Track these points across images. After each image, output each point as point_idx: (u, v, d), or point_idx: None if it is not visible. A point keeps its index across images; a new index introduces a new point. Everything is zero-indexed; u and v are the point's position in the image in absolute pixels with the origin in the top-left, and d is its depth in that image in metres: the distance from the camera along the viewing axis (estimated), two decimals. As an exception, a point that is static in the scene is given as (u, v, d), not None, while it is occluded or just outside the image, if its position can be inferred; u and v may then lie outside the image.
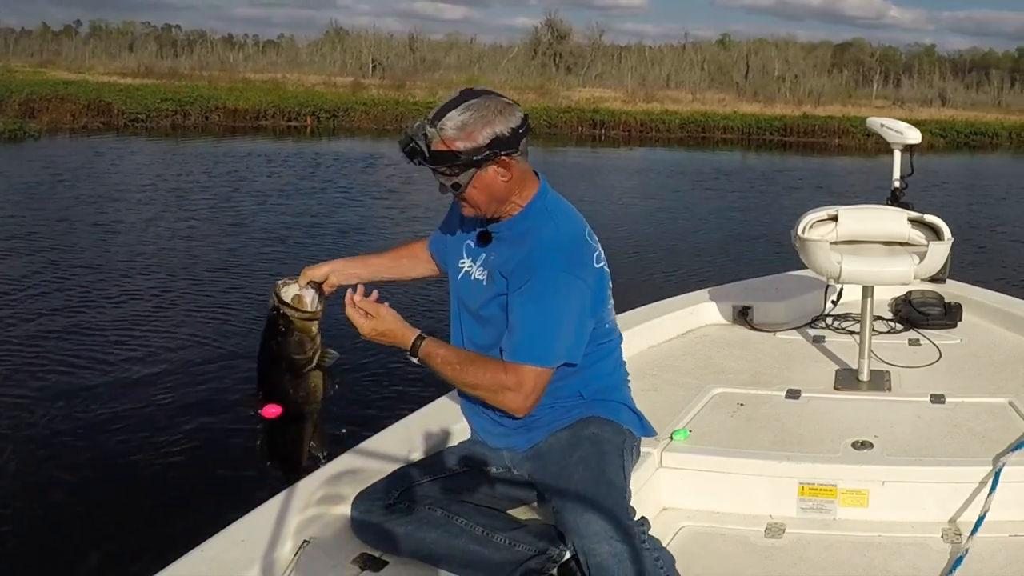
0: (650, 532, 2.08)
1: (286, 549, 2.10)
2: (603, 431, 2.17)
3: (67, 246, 9.43)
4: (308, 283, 2.14)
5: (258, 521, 2.15)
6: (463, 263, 2.22)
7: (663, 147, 25.46)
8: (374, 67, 43.69)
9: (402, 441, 2.58)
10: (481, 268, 2.17)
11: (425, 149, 1.98)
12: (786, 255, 3.93)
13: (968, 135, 28.05)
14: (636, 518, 2.04)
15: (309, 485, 2.31)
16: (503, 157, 2.03)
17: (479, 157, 2.00)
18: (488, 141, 2.00)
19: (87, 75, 33.97)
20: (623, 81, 41.89)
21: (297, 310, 2.07)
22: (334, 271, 2.24)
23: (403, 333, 2.05)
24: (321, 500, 2.27)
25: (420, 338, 2.05)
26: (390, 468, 2.43)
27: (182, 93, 27.33)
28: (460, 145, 1.98)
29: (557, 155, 22.67)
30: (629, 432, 2.24)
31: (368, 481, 2.36)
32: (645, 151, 24.29)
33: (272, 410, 2.04)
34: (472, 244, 2.21)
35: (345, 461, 2.44)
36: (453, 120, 1.98)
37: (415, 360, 2.06)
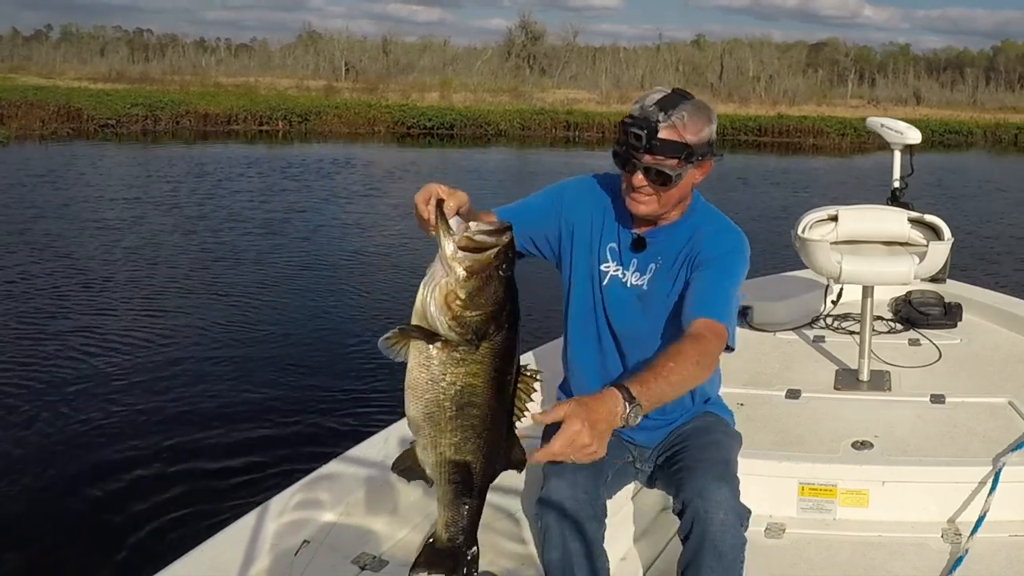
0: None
1: (286, 549, 2.10)
2: (728, 428, 2.31)
3: (35, 252, 9.29)
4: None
5: (258, 521, 2.15)
6: (607, 267, 2.16)
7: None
8: (347, 70, 43.73)
9: (404, 440, 2.57)
10: (638, 274, 2.14)
11: (652, 135, 1.95)
12: (784, 255, 3.93)
13: (943, 134, 28.04)
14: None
15: (309, 485, 2.30)
16: (710, 159, 2.05)
17: (700, 153, 2.00)
18: (708, 140, 2.01)
19: (58, 80, 33.82)
20: (597, 82, 41.90)
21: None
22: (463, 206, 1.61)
23: (608, 402, 1.62)
24: (321, 500, 2.27)
25: (626, 392, 1.65)
26: (389, 469, 2.43)
27: (153, 98, 27.29)
28: (690, 138, 1.97)
29: (531, 157, 22.62)
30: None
31: (369, 482, 2.36)
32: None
33: None
34: (617, 248, 2.16)
35: (345, 460, 2.44)
36: (687, 111, 1.97)
37: (638, 418, 1.65)
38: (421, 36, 58.81)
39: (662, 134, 1.95)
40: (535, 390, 1.58)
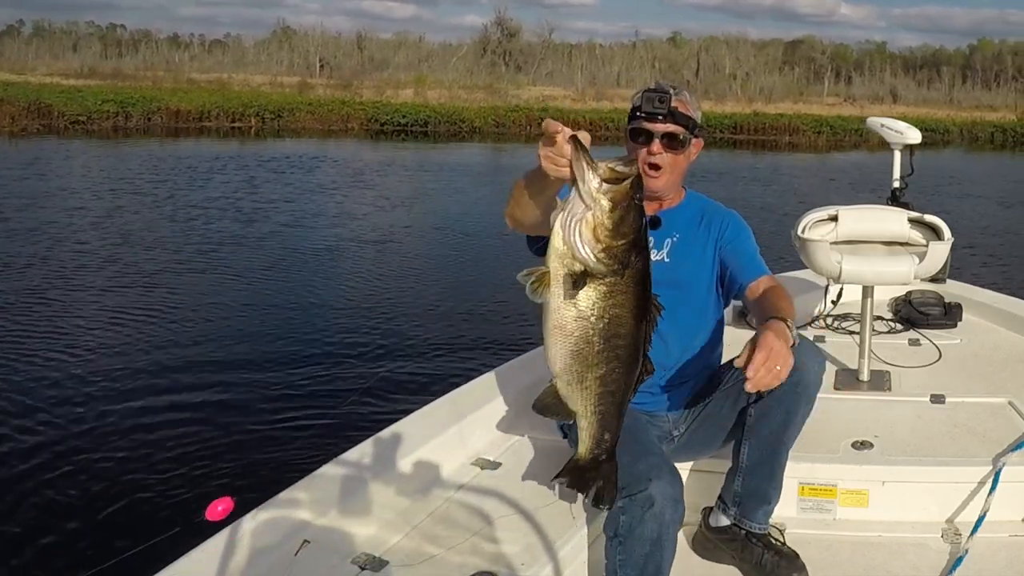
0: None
1: (286, 549, 2.10)
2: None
3: (10, 248, 9.22)
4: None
5: (258, 521, 2.14)
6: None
7: (612, 146, 25.60)
8: (321, 66, 43.80)
9: (405, 440, 2.57)
10: (655, 249, 2.37)
11: (669, 103, 2.26)
12: (784, 255, 3.93)
13: (919, 132, 28.14)
14: None
15: (309, 485, 2.30)
16: (702, 138, 2.38)
17: (699, 128, 2.34)
18: (700, 121, 2.35)
19: (29, 76, 33.77)
20: (573, 79, 42.03)
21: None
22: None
23: (778, 325, 1.99)
24: (321, 500, 2.27)
25: (779, 319, 2.03)
26: (390, 469, 2.43)
27: (124, 94, 27.23)
28: (693, 113, 2.32)
29: (506, 154, 22.59)
30: None
31: (370, 482, 2.36)
32: (594, 150, 24.24)
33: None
34: None
35: (345, 460, 2.44)
36: (686, 92, 2.33)
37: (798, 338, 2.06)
38: (396, 33, 59.19)
39: (675, 104, 2.27)
40: (663, 307, 1.66)
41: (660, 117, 2.26)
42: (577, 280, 1.52)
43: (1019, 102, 39.25)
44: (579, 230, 1.50)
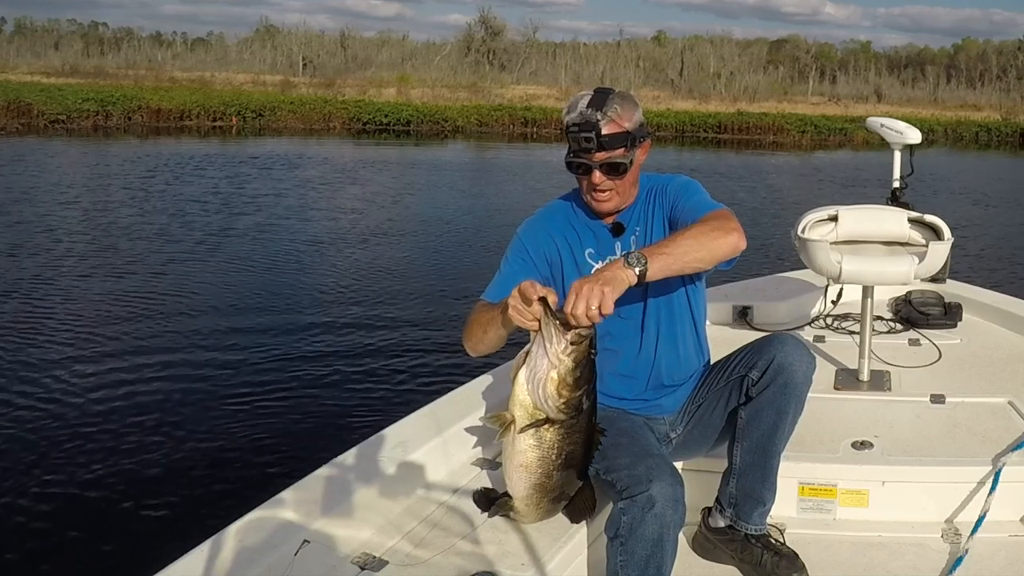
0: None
1: (286, 549, 2.10)
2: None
3: None
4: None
5: (258, 521, 2.14)
6: (595, 268, 2.26)
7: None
8: (304, 65, 43.57)
9: (404, 440, 2.57)
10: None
11: (599, 134, 2.14)
12: (767, 251, 3.93)
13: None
14: None
15: (309, 485, 2.30)
16: (648, 139, 2.28)
17: (639, 136, 2.21)
18: (641, 122, 2.24)
19: (10, 75, 33.58)
20: (557, 78, 41.94)
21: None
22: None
23: (616, 268, 1.92)
24: (321, 500, 2.26)
25: (635, 257, 1.93)
26: (390, 469, 2.43)
27: (104, 93, 27.04)
28: (627, 125, 2.19)
29: (489, 154, 22.54)
30: None
31: (370, 482, 2.36)
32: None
33: None
34: (595, 248, 2.33)
35: (345, 460, 2.44)
36: (615, 103, 2.18)
37: (642, 262, 1.92)
38: (379, 31, 59.08)
39: (605, 130, 2.16)
40: (604, 435, 2.01)
41: (592, 150, 2.17)
42: (539, 426, 1.81)
43: (1003, 101, 39.22)
44: (544, 386, 1.78)
